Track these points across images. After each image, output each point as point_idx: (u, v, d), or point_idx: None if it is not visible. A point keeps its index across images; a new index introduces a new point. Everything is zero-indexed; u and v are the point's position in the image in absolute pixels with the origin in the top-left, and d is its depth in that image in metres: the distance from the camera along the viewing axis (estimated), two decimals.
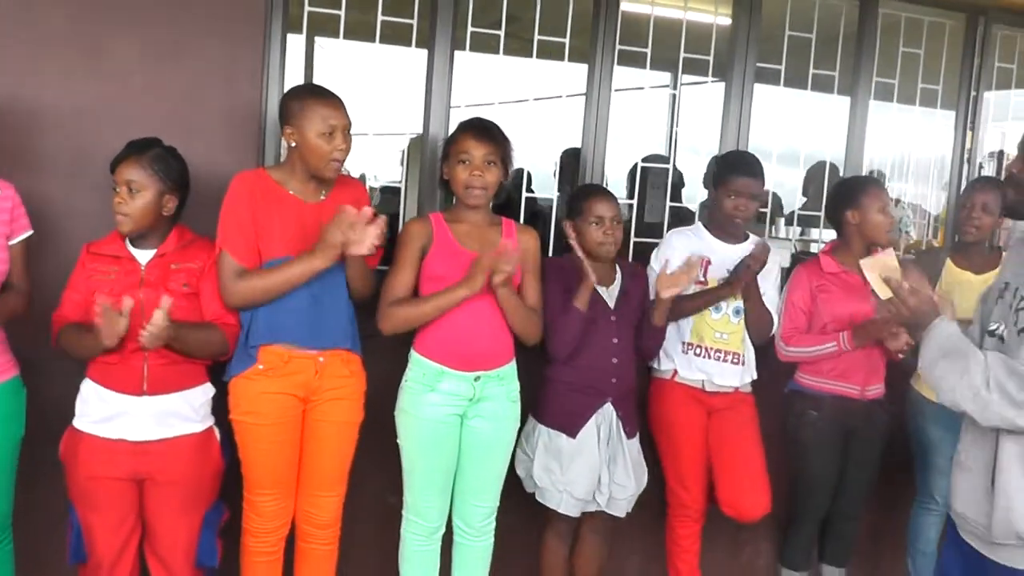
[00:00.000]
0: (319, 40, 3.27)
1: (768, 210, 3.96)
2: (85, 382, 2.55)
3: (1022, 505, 2.01)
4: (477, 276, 2.65)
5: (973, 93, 4.05)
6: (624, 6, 3.58)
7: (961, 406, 2.06)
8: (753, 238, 3.31)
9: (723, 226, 3.26)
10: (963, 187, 3.77)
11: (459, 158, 2.76)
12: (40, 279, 2.66)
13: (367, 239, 2.49)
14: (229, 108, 3.04)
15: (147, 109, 2.95)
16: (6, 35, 2.86)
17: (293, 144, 2.61)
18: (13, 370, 2.59)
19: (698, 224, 3.38)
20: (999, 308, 2.14)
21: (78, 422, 2.54)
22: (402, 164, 4.03)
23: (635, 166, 4.05)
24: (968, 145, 4.09)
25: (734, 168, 3.23)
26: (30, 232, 2.60)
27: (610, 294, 3.03)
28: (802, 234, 4.88)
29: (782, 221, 4.17)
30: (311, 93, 2.64)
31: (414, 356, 2.77)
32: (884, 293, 2.24)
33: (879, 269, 2.33)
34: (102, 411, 2.50)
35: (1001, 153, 4.49)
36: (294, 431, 2.66)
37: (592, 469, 2.94)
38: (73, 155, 2.92)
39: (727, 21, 3.78)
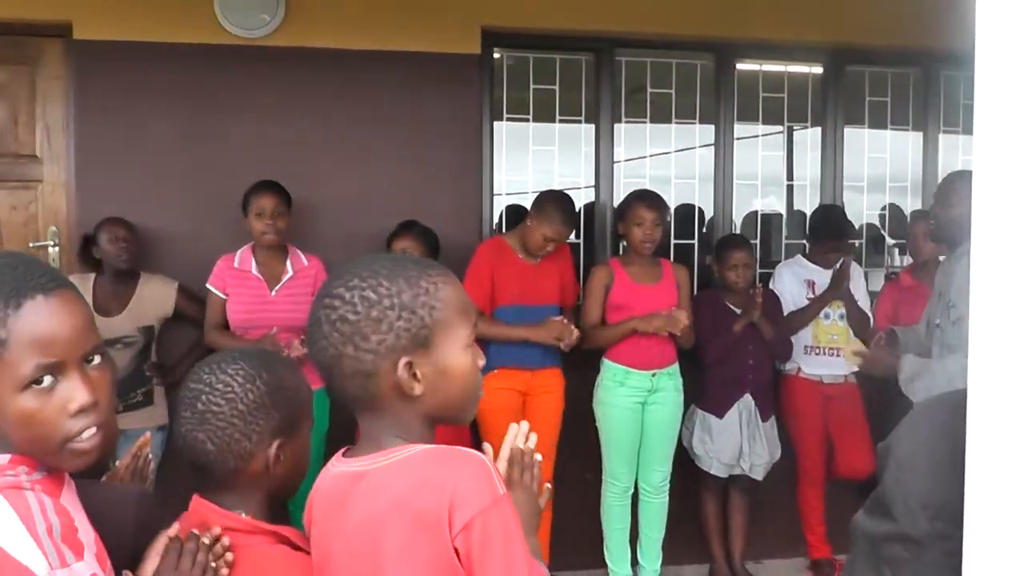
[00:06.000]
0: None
1: (863, 242, 4.83)
2: None
3: None
4: (653, 322, 3.63)
5: None
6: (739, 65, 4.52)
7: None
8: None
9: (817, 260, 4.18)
10: None
11: (635, 222, 3.71)
12: None
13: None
14: (457, 195, 4.06)
15: (395, 199, 3.91)
16: (307, 148, 3.91)
17: (529, 224, 3.60)
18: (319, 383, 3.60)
19: (798, 256, 4.30)
20: (939, 308, 2.93)
21: None
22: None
23: (751, 213, 4.83)
24: None
25: (826, 227, 4.19)
26: None
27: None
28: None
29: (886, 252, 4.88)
30: (553, 208, 3.56)
31: (607, 363, 3.77)
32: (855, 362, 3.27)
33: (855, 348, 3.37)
34: None
35: None
36: (516, 415, 3.55)
37: (734, 442, 3.89)
38: (344, 235, 3.84)
39: (819, 70, 4.66)
